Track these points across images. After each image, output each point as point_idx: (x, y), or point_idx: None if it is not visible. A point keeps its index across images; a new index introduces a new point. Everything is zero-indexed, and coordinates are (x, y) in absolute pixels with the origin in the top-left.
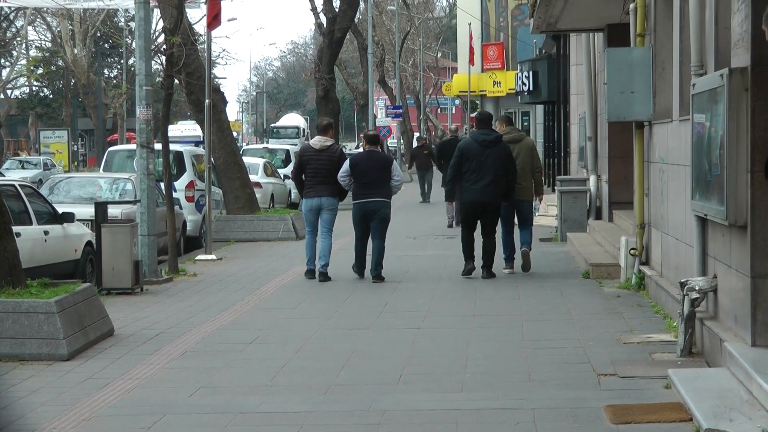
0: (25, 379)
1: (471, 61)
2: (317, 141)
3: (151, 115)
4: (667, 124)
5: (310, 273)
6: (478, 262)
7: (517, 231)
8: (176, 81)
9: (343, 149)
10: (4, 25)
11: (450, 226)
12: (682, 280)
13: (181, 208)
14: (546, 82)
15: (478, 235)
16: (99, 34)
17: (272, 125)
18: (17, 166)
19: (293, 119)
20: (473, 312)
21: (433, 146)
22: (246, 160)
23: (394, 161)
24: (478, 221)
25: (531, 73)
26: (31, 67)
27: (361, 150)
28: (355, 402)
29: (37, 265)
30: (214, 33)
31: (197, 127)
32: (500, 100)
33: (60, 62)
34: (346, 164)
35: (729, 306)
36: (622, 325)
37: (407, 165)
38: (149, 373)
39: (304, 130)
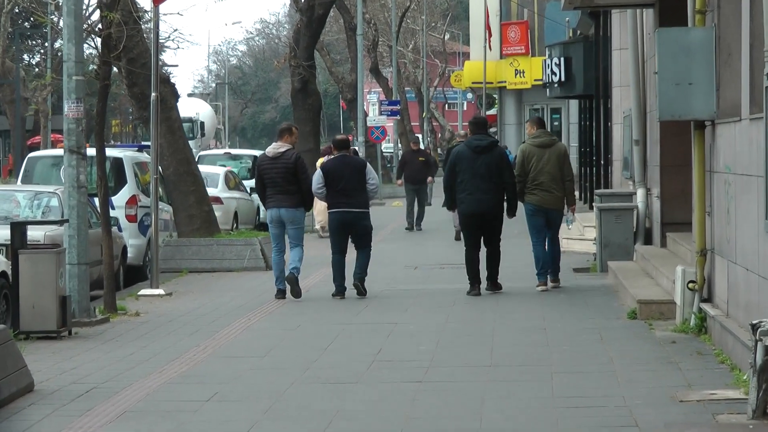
0: None
1: (488, 45)
2: (272, 148)
3: (82, 112)
4: (735, 123)
5: (280, 294)
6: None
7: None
8: (115, 69)
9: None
10: None
11: (458, 238)
12: (754, 322)
13: (120, 230)
14: (581, 71)
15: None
16: (17, 10)
17: None
18: None
19: (188, 106)
20: (489, 361)
21: (440, 151)
22: (203, 169)
23: (368, 164)
24: (482, 236)
25: (563, 59)
26: None
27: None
28: None
29: None
30: (162, 8)
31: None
32: (524, 94)
33: None
34: (318, 175)
35: None
36: (678, 379)
37: (396, 175)
38: None
39: (201, 124)
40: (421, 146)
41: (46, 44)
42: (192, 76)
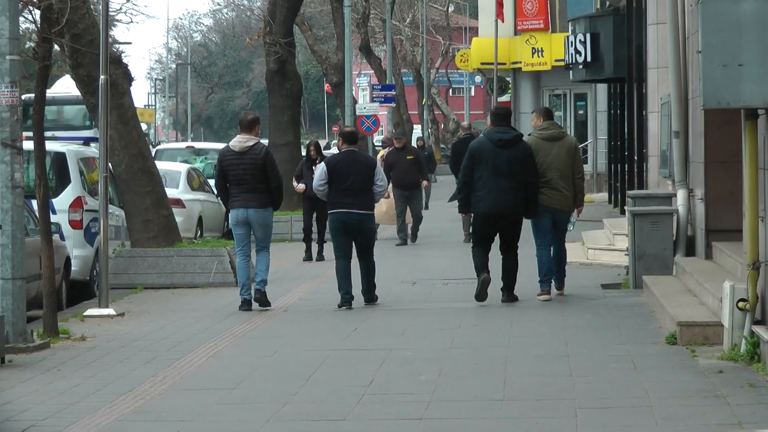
0: None
1: (499, 17)
2: (238, 141)
3: (18, 98)
4: None
5: (245, 305)
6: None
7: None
8: (56, 47)
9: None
10: None
11: (468, 240)
12: None
13: (63, 238)
14: (611, 49)
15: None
16: None
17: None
18: None
19: (60, 84)
20: (502, 395)
21: (444, 146)
22: (161, 166)
23: (378, 163)
24: (495, 238)
25: (589, 36)
26: None
27: (336, 150)
28: None
29: None
30: None
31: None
32: (542, 77)
33: None
34: (322, 169)
35: None
36: (725, 415)
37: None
38: None
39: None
40: (417, 140)
41: None
42: (148, 56)
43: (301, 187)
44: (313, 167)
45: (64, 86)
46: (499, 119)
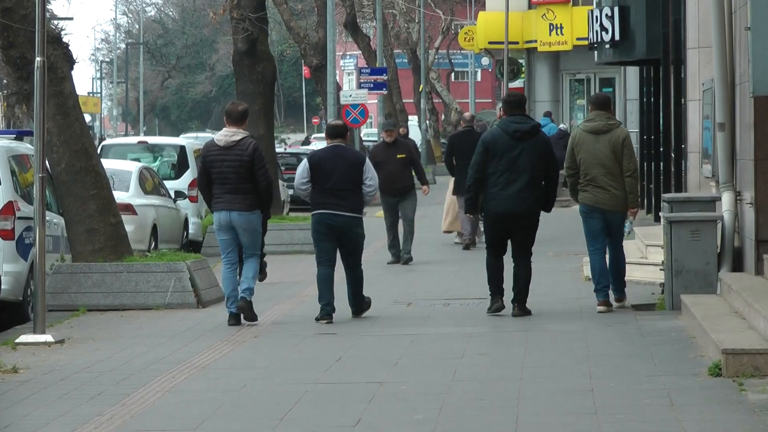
0: None
1: None
2: (224, 135)
3: None
4: None
5: (233, 319)
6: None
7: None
8: None
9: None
10: None
11: (467, 247)
12: None
13: None
14: (643, 26)
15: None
16: None
17: None
18: None
19: None
20: None
21: (443, 141)
22: (108, 164)
23: (367, 159)
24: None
25: (617, 10)
26: None
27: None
28: None
29: None
30: None
31: None
32: (561, 59)
33: None
34: (303, 166)
35: None
36: None
37: None
38: None
39: None
40: (410, 131)
41: None
42: (93, 34)
43: None
44: None
45: None
46: (512, 108)
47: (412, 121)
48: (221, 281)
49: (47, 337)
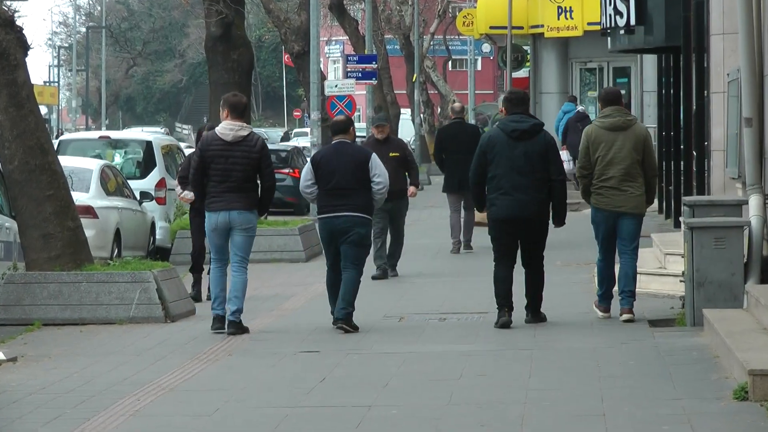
0: None
1: None
2: (228, 128)
3: None
4: None
5: (218, 321)
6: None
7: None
8: None
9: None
10: None
11: (456, 251)
12: None
13: None
14: (662, 9)
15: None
16: None
17: None
18: None
19: None
20: None
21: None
22: (66, 162)
23: (374, 154)
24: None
25: None
26: None
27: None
28: None
29: None
30: None
31: None
32: (571, 45)
33: None
34: (307, 167)
35: None
36: None
37: None
38: None
39: None
40: (403, 125)
41: None
42: (49, 17)
43: (188, 196)
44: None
45: None
46: (513, 106)
47: (405, 114)
48: (209, 281)
49: None
